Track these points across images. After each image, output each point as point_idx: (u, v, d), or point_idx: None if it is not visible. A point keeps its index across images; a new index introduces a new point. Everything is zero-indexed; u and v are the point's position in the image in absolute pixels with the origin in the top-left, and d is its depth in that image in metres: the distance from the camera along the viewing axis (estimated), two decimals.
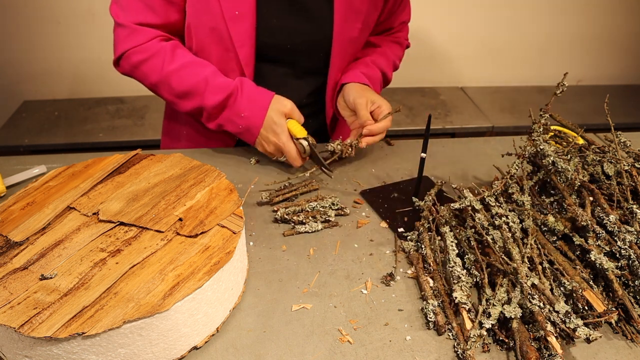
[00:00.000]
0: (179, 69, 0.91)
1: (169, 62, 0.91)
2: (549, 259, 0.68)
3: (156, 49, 0.92)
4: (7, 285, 0.55)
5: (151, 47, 0.92)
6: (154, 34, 0.92)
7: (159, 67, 0.91)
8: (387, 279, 0.69)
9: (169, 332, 0.55)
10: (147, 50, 0.91)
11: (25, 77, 2.14)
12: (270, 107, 0.90)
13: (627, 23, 2.46)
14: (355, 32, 0.97)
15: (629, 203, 0.70)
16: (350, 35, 0.97)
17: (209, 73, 0.91)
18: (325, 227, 0.80)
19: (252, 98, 0.91)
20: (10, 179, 0.88)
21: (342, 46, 0.98)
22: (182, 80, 0.91)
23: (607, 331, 0.63)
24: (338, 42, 0.97)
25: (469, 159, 1.03)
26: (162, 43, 0.92)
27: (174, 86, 0.92)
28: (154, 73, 0.92)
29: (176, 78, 0.91)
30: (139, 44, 0.91)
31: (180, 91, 0.92)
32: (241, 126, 0.92)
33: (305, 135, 0.90)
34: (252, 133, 0.92)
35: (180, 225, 0.65)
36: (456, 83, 2.47)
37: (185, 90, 0.92)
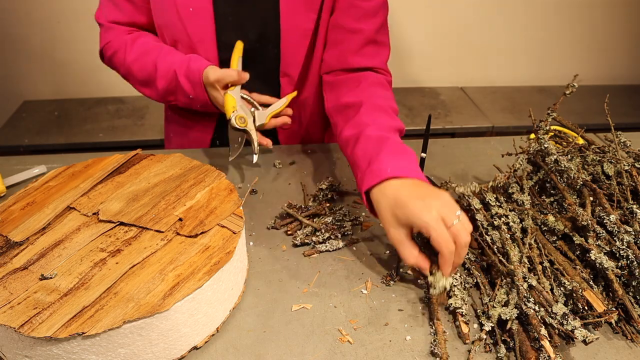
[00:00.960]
0: (137, 58, 0.94)
1: (129, 53, 0.95)
2: (549, 259, 0.68)
3: (120, 43, 0.96)
4: (7, 285, 0.55)
5: (116, 42, 0.97)
6: (123, 30, 0.98)
7: (122, 59, 0.96)
8: (387, 279, 0.69)
9: (169, 332, 0.55)
10: (114, 46, 0.97)
11: (25, 77, 2.14)
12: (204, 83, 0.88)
13: (627, 23, 2.46)
14: (309, 24, 0.92)
15: (629, 203, 0.70)
16: (302, 26, 0.92)
17: (157, 57, 0.93)
18: (346, 244, 0.76)
19: (190, 78, 0.89)
20: (10, 179, 0.88)
21: (293, 39, 0.93)
22: (140, 69, 0.95)
23: (607, 331, 0.63)
24: (287, 34, 0.93)
25: (469, 159, 1.03)
26: (125, 37, 0.97)
27: (136, 75, 0.96)
28: (121, 66, 0.98)
29: (136, 67, 0.95)
30: (110, 39, 0.98)
31: (141, 79, 0.96)
32: (199, 105, 0.94)
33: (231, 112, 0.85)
34: (209, 106, 0.92)
35: (180, 225, 0.65)
36: (456, 83, 2.47)
37: (144, 78, 0.95)
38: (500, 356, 0.58)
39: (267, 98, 0.96)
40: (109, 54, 0.99)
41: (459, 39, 2.36)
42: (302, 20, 0.92)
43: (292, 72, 0.98)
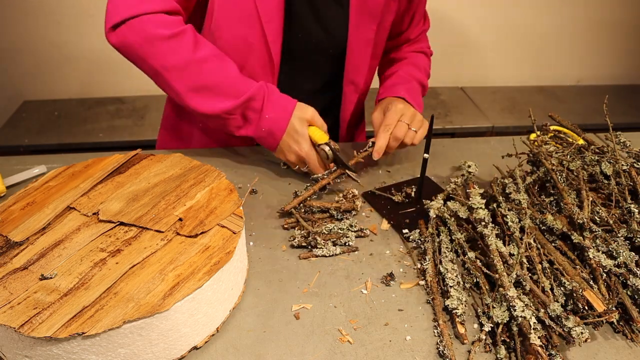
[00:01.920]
0: (204, 59, 0.82)
1: (193, 49, 0.81)
2: (549, 259, 0.68)
3: (181, 29, 0.81)
4: (7, 285, 0.55)
5: (176, 23, 0.81)
6: (174, 7, 0.83)
7: (182, 50, 0.80)
8: (387, 279, 0.69)
9: (169, 332, 0.55)
10: (172, 26, 0.80)
11: (25, 77, 2.14)
12: (294, 113, 0.86)
13: (627, 23, 2.46)
14: (371, 33, 0.96)
15: (627, 202, 0.70)
16: (366, 36, 0.96)
17: (236, 70, 0.86)
18: (343, 251, 0.75)
19: (276, 101, 0.87)
20: (10, 179, 0.88)
21: (359, 46, 0.97)
22: (206, 72, 0.83)
23: (607, 331, 0.63)
24: (353, 41, 0.96)
25: (469, 159, 1.02)
26: (184, 24, 0.83)
27: (194, 77, 0.82)
28: (175, 56, 0.80)
29: (199, 68, 0.82)
30: (158, 10, 0.80)
31: (202, 84, 0.83)
32: (264, 129, 0.86)
33: (327, 140, 0.86)
34: (274, 138, 0.87)
35: (180, 225, 0.65)
36: (456, 83, 2.47)
37: (210, 84, 0.83)
38: (500, 357, 0.58)
39: None
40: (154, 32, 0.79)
41: (459, 39, 2.36)
42: (366, 30, 0.95)
43: (358, 81, 1.01)
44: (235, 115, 0.86)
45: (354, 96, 1.03)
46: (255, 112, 0.87)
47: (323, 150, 0.86)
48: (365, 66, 1.00)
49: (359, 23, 0.94)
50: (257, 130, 0.87)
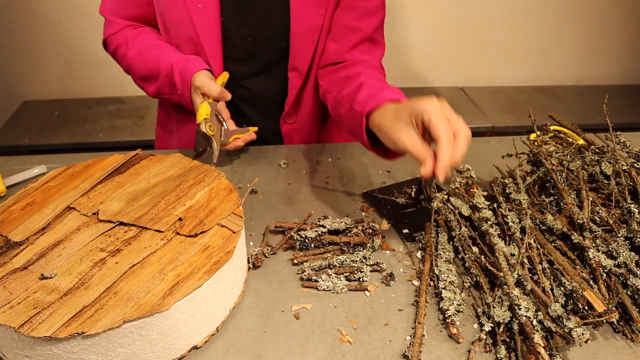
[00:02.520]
0: (138, 54, 0.97)
1: (131, 49, 0.98)
2: (549, 259, 0.68)
3: (122, 38, 0.99)
4: (7, 285, 0.55)
5: (119, 36, 1.00)
6: (125, 24, 1.01)
7: (124, 54, 0.99)
8: (387, 279, 0.69)
9: (169, 332, 0.55)
10: (116, 40, 1.00)
11: (25, 77, 2.14)
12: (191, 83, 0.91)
13: (627, 23, 2.46)
14: (318, 20, 0.94)
15: (627, 202, 0.70)
16: (312, 22, 0.94)
17: (159, 54, 0.95)
18: (350, 288, 0.68)
19: (183, 75, 0.92)
20: (10, 179, 0.88)
21: (303, 35, 0.95)
22: (141, 65, 0.97)
23: (607, 331, 0.63)
24: (296, 30, 0.95)
25: (469, 159, 1.02)
26: (128, 32, 1.00)
27: (137, 71, 0.98)
28: (123, 60, 1.00)
29: (137, 62, 0.97)
30: (112, 33, 1.01)
31: (141, 75, 0.98)
32: (183, 102, 0.95)
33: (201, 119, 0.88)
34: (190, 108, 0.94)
35: (180, 225, 0.65)
36: (456, 83, 2.47)
37: (144, 73, 0.97)
38: (500, 357, 0.58)
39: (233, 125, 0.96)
40: (111, 48, 1.02)
41: (459, 39, 2.36)
42: (312, 16, 0.94)
43: (302, 67, 0.99)
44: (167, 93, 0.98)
45: (298, 82, 1.00)
46: (174, 88, 0.95)
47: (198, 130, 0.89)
48: (309, 52, 0.97)
49: (301, 11, 0.93)
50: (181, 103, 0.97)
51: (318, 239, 0.74)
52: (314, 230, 0.74)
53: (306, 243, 0.74)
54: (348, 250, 0.74)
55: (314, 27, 0.95)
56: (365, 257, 0.72)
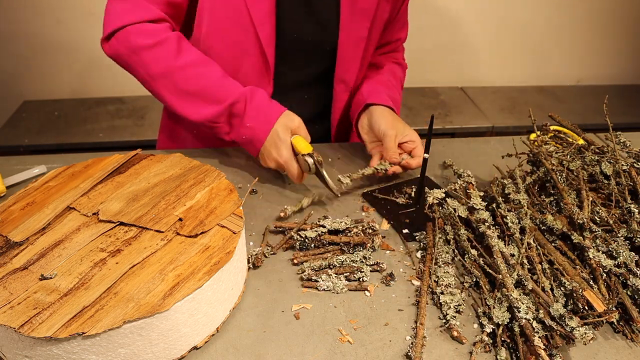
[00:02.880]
0: (188, 65, 0.84)
1: (175, 56, 0.83)
2: (549, 259, 0.68)
3: (165, 36, 0.83)
4: (7, 285, 0.55)
5: (158, 31, 0.83)
6: (158, 15, 0.84)
7: (164, 58, 0.82)
8: (387, 279, 0.69)
9: (169, 332, 0.55)
10: (155, 35, 0.82)
11: (25, 77, 2.14)
12: (278, 121, 0.85)
13: (627, 23, 2.46)
14: (363, 32, 0.95)
15: (627, 202, 0.70)
16: (358, 35, 0.96)
17: (221, 75, 0.86)
18: (350, 288, 0.68)
19: (261, 109, 0.86)
20: (10, 179, 0.88)
21: (349, 45, 0.96)
22: (189, 79, 0.84)
23: (607, 331, 0.63)
24: (344, 40, 0.95)
25: (469, 159, 1.03)
26: (168, 31, 0.85)
27: (178, 83, 0.84)
28: (158, 64, 0.83)
29: (183, 75, 0.84)
30: (142, 20, 0.82)
31: (186, 91, 0.85)
32: (244, 137, 0.87)
33: (311, 151, 0.84)
34: (254, 146, 0.87)
35: (180, 225, 0.65)
36: (456, 83, 2.47)
37: (192, 91, 0.85)
38: (501, 357, 0.58)
39: None
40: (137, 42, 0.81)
41: (459, 39, 2.36)
42: (359, 28, 0.95)
43: (349, 79, 1.00)
44: (220, 122, 0.87)
45: (345, 95, 1.02)
46: (237, 119, 0.87)
47: (305, 161, 0.84)
48: (356, 64, 0.99)
49: (351, 20, 0.94)
50: (239, 136, 0.88)
51: (318, 239, 0.74)
52: (314, 230, 0.74)
53: (306, 243, 0.74)
54: (348, 250, 0.74)
55: (360, 39, 0.96)
56: (365, 257, 0.72)
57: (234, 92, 0.86)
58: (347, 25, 0.94)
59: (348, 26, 0.94)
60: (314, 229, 0.75)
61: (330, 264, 0.71)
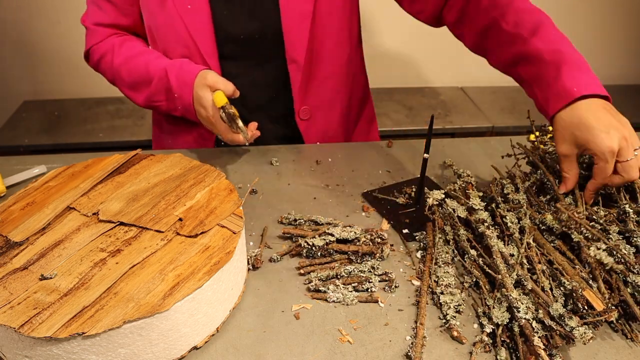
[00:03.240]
0: (126, 60, 0.95)
1: (117, 56, 0.96)
2: (548, 259, 0.68)
3: (106, 47, 0.98)
4: (7, 285, 0.55)
5: (104, 44, 0.98)
6: (108, 33, 0.99)
7: (109, 63, 0.97)
8: (389, 285, 0.69)
9: (169, 332, 0.55)
10: (101, 48, 0.99)
11: (25, 77, 2.14)
12: (195, 82, 0.89)
13: (627, 23, 2.46)
14: (307, 6, 0.94)
15: (623, 202, 0.70)
16: (301, 9, 0.94)
17: (149, 59, 0.94)
18: (361, 300, 0.67)
19: (180, 76, 0.90)
20: (10, 179, 0.88)
21: (294, 24, 0.94)
22: (129, 72, 0.95)
23: (607, 331, 0.63)
24: (287, 20, 0.94)
25: (469, 159, 1.03)
26: (112, 40, 0.98)
27: (124, 79, 0.96)
28: (108, 70, 0.99)
29: (125, 69, 0.96)
30: (96, 42, 0.99)
31: (129, 82, 0.96)
32: (179, 107, 0.93)
33: (224, 103, 0.84)
34: (189, 112, 0.92)
35: (180, 225, 0.65)
36: (456, 83, 2.47)
37: (132, 80, 0.95)
38: (501, 358, 0.58)
39: None
40: (95, 58, 1.00)
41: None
42: (301, 3, 0.94)
43: (299, 58, 0.98)
44: (159, 100, 0.96)
45: (298, 74, 0.99)
46: (170, 93, 0.93)
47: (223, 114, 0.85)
48: (304, 42, 0.96)
49: None
50: (176, 109, 0.94)
51: (325, 247, 0.72)
52: (322, 238, 0.73)
53: (313, 251, 0.73)
54: (356, 259, 0.72)
55: (305, 14, 0.95)
56: (373, 267, 0.70)
57: (157, 70, 0.92)
58: (286, 4, 0.93)
59: (288, 5, 0.93)
60: (322, 237, 0.73)
61: (337, 274, 0.69)
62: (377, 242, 0.74)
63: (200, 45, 0.94)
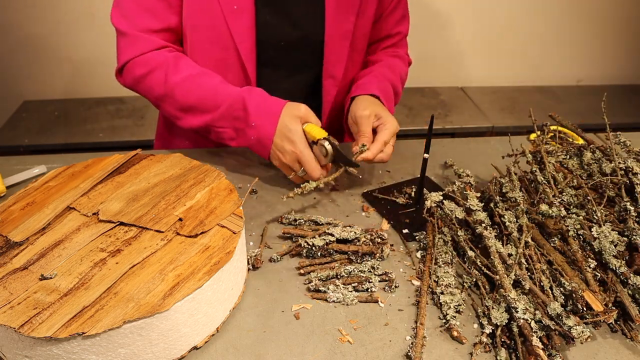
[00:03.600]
0: (184, 80, 0.87)
1: (172, 74, 0.87)
2: (548, 259, 0.68)
3: (159, 61, 0.88)
4: (7, 285, 0.55)
5: (154, 58, 0.88)
6: (157, 44, 0.89)
7: (162, 79, 0.87)
8: (389, 285, 0.69)
9: (169, 332, 0.55)
10: (150, 62, 0.88)
11: (25, 77, 2.14)
12: (283, 113, 0.84)
13: (627, 23, 2.46)
14: (349, 25, 0.95)
15: (623, 200, 0.70)
16: (344, 28, 0.95)
17: (217, 83, 0.87)
18: (361, 300, 0.67)
19: (262, 106, 0.85)
20: (10, 179, 0.88)
21: (336, 40, 0.96)
22: (188, 93, 0.87)
23: (607, 331, 0.63)
24: (331, 35, 0.95)
25: (469, 159, 1.03)
26: (164, 54, 0.89)
27: (179, 99, 0.87)
28: (158, 86, 0.88)
29: (181, 90, 0.87)
30: (141, 53, 0.88)
31: (187, 104, 0.88)
32: (252, 137, 0.85)
33: (326, 135, 0.81)
34: (264, 144, 0.85)
35: (180, 225, 0.65)
36: (456, 83, 2.47)
37: (192, 103, 0.87)
38: (501, 358, 0.58)
39: None
40: (138, 73, 0.89)
41: (459, 39, 2.36)
42: (344, 22, 0.95)
43: (337, 74, 1.00)
44: (222, 127, 0.88)
45: (334, 89, 1.02)
46: (241, 121, 0.86)
47: (322, 147, 0.80)
48: (344, 58, 0.98)
49: (335, 15, 0.93)
50: (247, 139, 0.87)
51: (325, 247, 0.72)
52: (322, 238, 0.72)
53: (313, 251, 0.72)
54: (356, 259, 0.72)
55: (346, 33, 0.96)
56: (373, 267, 0.70)
57: (230, 95, 0.86)
58: (332, 19, 0.94)
59: (334, 20, 0.94)
60: (322, 237, 0.73)
61: (337, 274, 0.69)
62: (377, 242, 0.74)
63: (241, 48, 0.90)
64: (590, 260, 0.66)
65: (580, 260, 0.66)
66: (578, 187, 0.76)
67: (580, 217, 0.70)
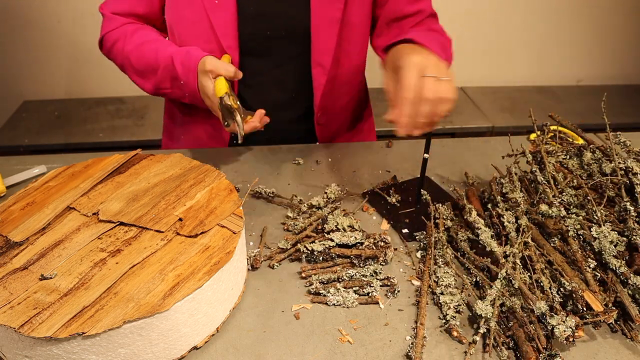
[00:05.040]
0: (136, 47, 0.95)
1: (128, 43, 0.96)
2: (548, 260, 0.68)
3: (120, 33, 0.97)
4: (7, 285, 0.55)
5: (118, 31, 0.98)
6: (124, 21, 0.99)
7: (121, 48, 0.97)
8: (391, 289, 0.69)
9: (169, 332, 0.55)
10: (114, 35, 0.98)
11: (25, 77, 2.14)
12: (198, 69, 0.87)
13: (627, 23, 2.46)
14: (336, 12, 0.94)
15: (623, 200, 0.70)
16: (331, 15, 0.94)
17: (158, 47, 0.93)
18: (361, 302, 0.66)
19: (186, 63, 0.89)
20: (10, 179, 0.88)
21: (323, 28, 0.95)
22: (138, 59, 0.95)
23: (607, 330, 0.63)
24: (317, 24, 0.94)
25: (469, 159, 1.03)
26: (127, 27, 0.98)
27: (133, 64, 0.96)
28: (119, 55, 0.98)
29: (134, 56, 0.95)
30: (110, 29, 0.99)
31: (138, 69, 0.95)
32: (187, 94, 0.92)
33: (223, 93, 0.81)
34: (197, 99, 0.90)
35: (180, 225, 0.65)
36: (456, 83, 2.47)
37: (141, 67, 0.95)
38: (502, 358, 0.58)
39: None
40: (109, 44, 1.00)
41: (459, 39, 2.35)
42: (331, 9, 0.94)
43: (325, 62, 0.98)
44: (167, 88, 0.94)
45: (323, 78, 1.00)
46: (177, 80, 0.91)
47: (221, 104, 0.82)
48: (331, 47, 0.97)
49: (321, 3, 0.93)
50: (185, 96, 0.93)
51: (326, 252, 0.72)
52: (322, 243, 0.72)
53: (314, 256, 0.72)
54: (358, 263, 0.71)
55: (334, 20, 0.95)
56: (375, 272, 0.70)
57: (164, 56, 0.91)
58: (318, 7, 0.93)
59: (319, 8, 0.93)
60: (321, 242, 0.72)
61: (339, 278, 0.69)
62: (380, 246, 0.73)
63: (223, 41, 0.93)
64: (590, 260, 0.66)
65: (580, 260, 0.66)
66: (578, 187, 0.76)
67: (580, 217, 0.70)
